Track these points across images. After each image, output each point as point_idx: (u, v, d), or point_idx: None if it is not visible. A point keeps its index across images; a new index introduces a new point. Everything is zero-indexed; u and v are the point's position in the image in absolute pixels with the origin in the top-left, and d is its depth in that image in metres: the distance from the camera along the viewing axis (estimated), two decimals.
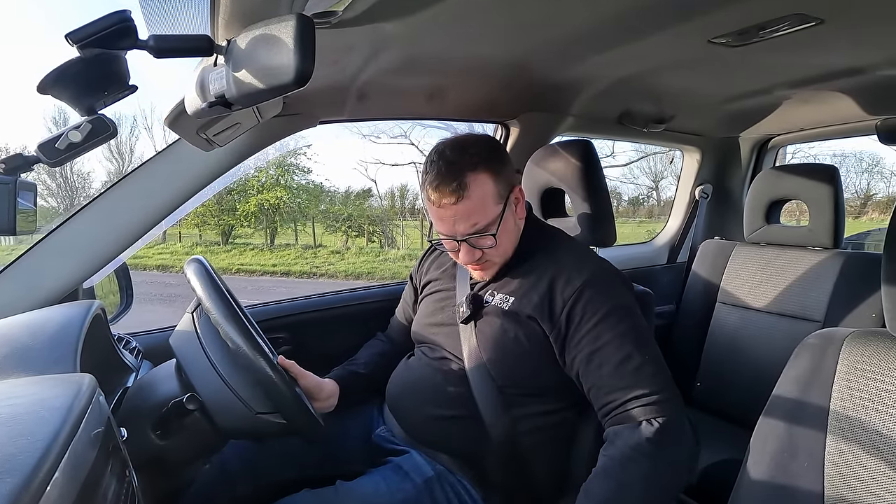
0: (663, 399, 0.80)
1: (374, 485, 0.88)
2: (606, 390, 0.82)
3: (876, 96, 1.32)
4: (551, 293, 0.89)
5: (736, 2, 0.75)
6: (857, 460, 0.58)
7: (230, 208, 12.73)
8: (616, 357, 0.82)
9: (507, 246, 0.94)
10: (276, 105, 0.96)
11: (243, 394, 0.79)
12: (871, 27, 0.86)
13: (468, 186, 0.87)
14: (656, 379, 0.81)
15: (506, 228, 0.92)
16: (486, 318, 0.94)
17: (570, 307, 0.86)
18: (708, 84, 1.25)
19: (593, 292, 0.86)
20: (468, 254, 0.91)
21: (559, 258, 0.93)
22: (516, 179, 0.98)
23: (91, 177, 15.42)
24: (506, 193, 0.92)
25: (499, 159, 0.92)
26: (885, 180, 14.46)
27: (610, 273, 0.92)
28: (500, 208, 0.90)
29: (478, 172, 0.87)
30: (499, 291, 0.95)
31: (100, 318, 0.85)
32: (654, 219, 14.71)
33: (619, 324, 0.84)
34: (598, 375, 0.83)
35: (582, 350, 0.85)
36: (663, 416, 0.78)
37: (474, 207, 0.87)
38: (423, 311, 1.07)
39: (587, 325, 0.85)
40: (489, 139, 0.96)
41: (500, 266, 0.96)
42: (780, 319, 1.40)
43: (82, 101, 0.55)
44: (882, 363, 0.59)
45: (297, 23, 0.47)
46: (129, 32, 0.48)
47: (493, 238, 0.90)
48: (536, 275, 0.92)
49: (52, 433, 0.41)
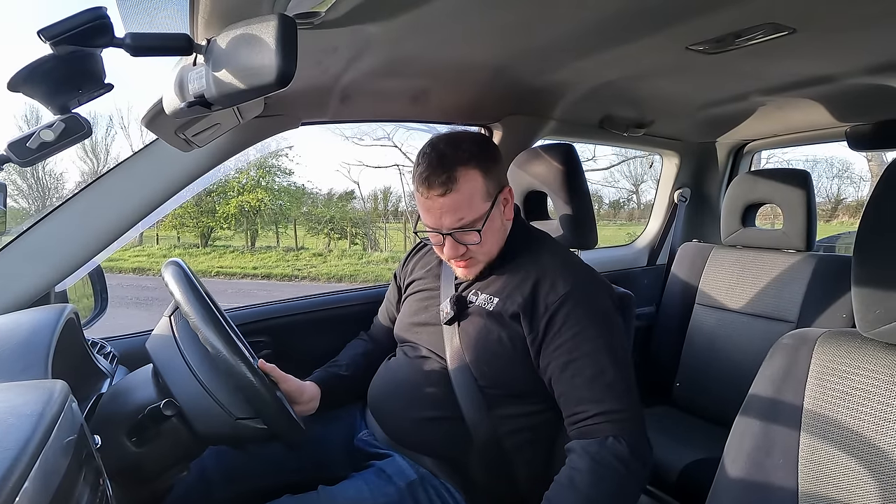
0: (630, 417, 0.81)
1: (357, 489, 0.88)
2: (577, 401, 0.83)
3: (845, 104, 1.36)
4: (535, 296, 0.89)
5: (713, 10, 0.77)
6: (830, 457, 0.59)
7: (210, 210, 12.51)
8: (591, 370, 0.83)
9: (491, 245, 0.94)
10: (258, 106, 0.95)
11: (223, 399, 0.77)
12: (841, 37, 0.89)
13: (457, 180, 0.87)
14: (626, 396, 0.82)
15: (492, 227, 0.92)
16: (469, 318, 0.94)
17: (552, 314, 0.86)
18: (686, 90, 1.28)
19: (576, 302, 0.86)
20: (452, 248, 0.91)
21: (545, 262, 0.93)
22: (507, 180, 0.98)
23: (64, 177, 15.05)
24: (495, 192, 0.92)
25: (491, 157, 0.92)
26: (854, 185, 14.94)
27: (594, 282, 0.92)
28: (488, 206, 0.91)
29: (468, 168, 0.88)
30: (483, 291, 0.95)
31: (73, 322, 0.83)
32: (635, 221, 14.94)
33: (597, 337, 0.84)
34: (571, 385, 0.84)
35: (558, 358, 0.85)
36: (630, 433, 0.79)
37: (462, 202, 0.88)
38: (407, 311, 1.07)
39: (566, 334, 0.85)
40: (483, 137, 0.97)
41: (485, 265, 0.96)
42: (755, 320, 1.44)
43: (55, 99, 0.54)
44: (852, 362, 0.61)
45: (279, 23, 0.46)
46: (105, 30, 0.47)
47: (478, 234, 0.90)
48: (521, 276, 0.92)
49: (23, 441, 0.40)
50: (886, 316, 0.56)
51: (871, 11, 0.77)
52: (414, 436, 0.94)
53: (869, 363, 0.60)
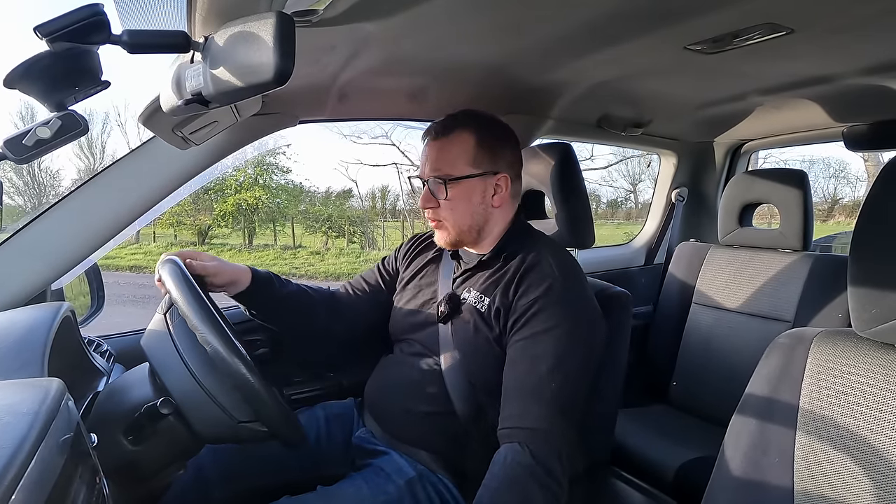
0: (544, 429, 0.78)
1: (356, 488, 0.88)
2: (507, 401, 0.83)
3: (843, 104, 1.37)
4: (515, 296, 0.90)
5: (711, 10, 0.77)
6: (826, 455, 0.60)
7: (207, 208, 12.48)
8: (524, 372, 0.83)
9: (460, 215, 0.95)
10: (255, 103, 0.95)
11: (219, 398, 0.77)
12: (838, 38, 0.89)
13: (451, 133, 0.95)
14: (547, 409, 0.79)
15: (466, 196, 0.94)
16: (462, 316, 0.95)
17: (519, 314, 0.87)
18: (684, 90, 1.28)
19: (545, 305, 0.86)
20: (424, 197, 0.96)
21: (536, 264, 0.92)
22: (511, 172, 0.98)
23: (60, 174, 14.93)
24: (485, 168, 0.94)
25: (495, 137, 0.96)
26: (850, 185, 14.97)
27: (577, 289, 0.91)
28: (471, 172, 0.94)
29: (466, 129, 0.95)
30: (475, 289, 0.96)
31: (69, 320, 0.83)
32: (633, 221, 14.97)
33: (557, 344, 0.83)
34: (507, 387, 0.84)
35: (510, 354, 0.86)
36: (539, 447, 0.77)
37: (446, 153, 0.94)
38: (403, 308, 1.07)
39: (525, 333, 0.85)
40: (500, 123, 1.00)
41: (455, 237, 0.97)
42: (752, 319, 1.44)
43: (52, 96, 0.54)
44: (848, 362, 0.61)
45: (277, 20, 0.46)
46: (102, 27, 0.47)
47: (445, 190, 0.93)
48: (510, 276, 0.93)
49: (18, 439, 0.40)
50: (882, 315, 0.56)
51: (870, 12, 0.77)
52: (410, 431, 0.95)
53: (865, 362, 0.60)
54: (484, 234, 0.99)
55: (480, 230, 0.98)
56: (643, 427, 1.44)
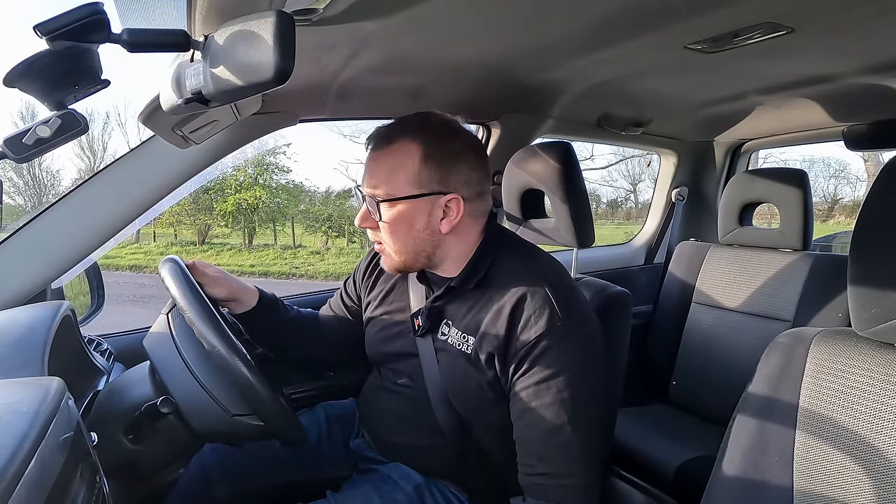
0: (578, 484, 0.75)
1: (366, 496, 0.87)
2: (527, 453, 0.78)
3: (843, 104, 1.37)
4: (510, 335, 0.78)
5: (711, 9, 0.77)
6: (825, 455, 0.60)
7: (207, 207, 12.47)
8: (547, 425, 0.75)
9: (400, 241, 0.82)
10: (255, 102, 0.95)
11: (219, 395, 0.77)
12: (838, 38, 0.89)
13: (393, 144, 0.80)
14: (579, 460, 0.75)
15: (404, 218, 0.80)
16: (446, 356, 0.85)
17: (522, 355, 0.77)
18: (684, 89, 1.28)
19: (551, 344, 0.76)
20: (361, 215, 0.84)
21: (526, 289, 0.79)
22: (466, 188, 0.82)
23: (60, 174, 14.91)
24: (431, 187, 0.79)
25: (448, 147, 0.80)
26: (850, 185, 14.97)
27: (577, 316, 0.79)
28: (412, 192, 0.79)
29: (413, 141, 0.79)
30: (454, 324, 0.85)
31: (69, 319, 0.83)
32: (633, 221, 14.96)
33: (564, 389, 0.75)
34: (524, 436, 0.78)
35: (517, 403, 0.78)
36: (573, 498, 0.75)
37: (384, 167, 0.80)
38: (376, 337, 0.97)
39: (532, 378, 0.76)
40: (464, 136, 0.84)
41: (398, 262, 0.85)
42: (752, 319, 1.44)
43: (52, 95, 0.54)
44: (848, 361, 0.61)
45: (277, 19, 0.46)
46: (102, 25, 0.47)
47: (379, 211, 0.80)
48: (497, 308, 0.80)
49: (19, 438, 0.40)
50: (882, 315, 0.56)
51: (870, 11, 0.77)
52: (406, 459, 0.92)
53: (864, 362, 0.60)
54: (437, 260, 0.86)
55: (430, 256, 0.85)
56: (643, 426, 1.44)
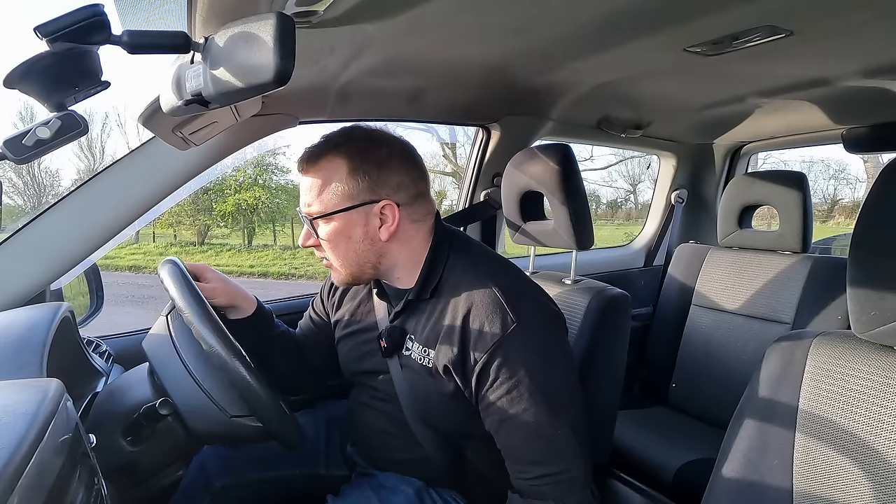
0: (574, 476, 0.76)
1: (367, 500, 0.87)
2: (515, 460, 0.78)
3: (841, 106, 1.37)
4: (464, 347, 0.78)
5: (710, 12, 0.77)
6: (825, 458, 0.60)
7: (206, 208, 12.48)
8: (527, 430, 0.75)
9: (342, 255, 0.83)
10: (255, 104, 0.95)
11: (217, 397, 0.77)
12: (837, 41, 0.89)
13: (319, 161, 0.81)
14: (567, 453, 0.76)
15: (340, 232, 0.81)
16: (412, 371, 0.85)
17: (481, 368, 0.76)
18: (683, 92, 1.28)
19: (507, 352, 0.75)
20: (303, 236, 0.86)
21: (476, 294, 0.79)
22: (399, 193, 0.83)
23: (60, 174, 14.92)
24: (362, 198, 0.80)
25: (373, 155, 0.81)
26: (850, 186, 14.99)
27: (530, 316, 0.78)
28: (342, 205, 0.80)
29: (336, 155, 0.81)
30: (417, 338, 0.85)
31: (68, 320, 0.83)
32: (632, 221, 14.97)
33: (534, 390, 0.74)
34: (508, 444, 0.77)
35: (492, 415, 0.77)
36: (571, 492, 0.76)
37: (314, 186, 0.81)
38: (347, 357, 0.98)
39: (499, 390, 0.75)
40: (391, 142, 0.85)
41: (346, 276, 0.85)
42: (751, 321, 1.44)
43: (51, 96, 0.53)
44: (847, 364, 0.61)
45: (278, 21, 0.46)
46: (102, 27, 0.47)
47: (315, 229, 0.82)
48: (450, 317, 0.80)
49: (17, 440, 0.40)
50: (881, 318, 0.56)
51: (869, 14, 0.78)
52: (395, 470, 0.92)
53: (864, 365, 0.60)
54: (385, 269, 0.86)
55: (376, 266, 0.85)
56: (642, 428, 1.44)
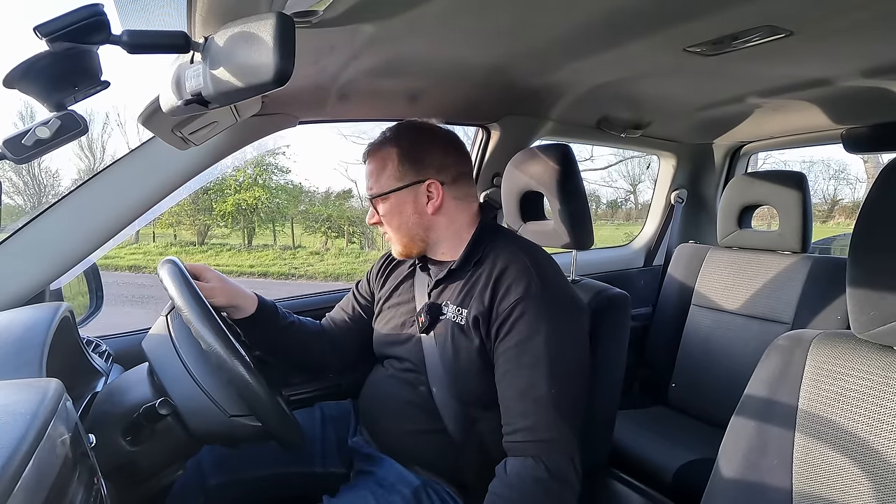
0: (556, 438, 0.79)
1: (363, 500, 0.88)
2: (506, 412, 0.83)
3: (841, 106, 1.37)
4: (492, 301, 0.87)
5: (710, 12, 0.77)
6: (824, 457, 0.60)
7: (206, 208, 12.46)
8: (524, 382, 0.81)
9: (398, 227, 0.97)
10: (255, 104, 0.95)
11: (217, 396, 0.77)
12: (837, 41, 0.89)
13: (378, 152, 0.98)
14: (556, 416, 0.80)
15: (395, 209, 0.96)
16: (443, 331, 0.92)
17: (503, 319, 0.85)
18: (683, 92, 1.28)
19: (528, 308, 0.83)
20: (369, 215, 1.00)
21: (508, 263, 0.89)
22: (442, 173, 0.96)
23: (60, 174, 14.89)
24: (411, 178, 0.95)
25: (418, 142, 0.97)
26: (850, 186, 14.96)
27: (554, 288, 0.88)
28: (395, 185, 0.95)
29: (389, 146, 0.97)
30: (452, 301, 0.93)
31: (68, 320, 0.83)
32: (632, 221, 14.97)
33: (547, 348, 0.81)
34: (505, 396, 0.83)
35: (500, 366, 0.84)
36: (551, 456, 0.78)
37: (373, 171, 0.98)
38: (385, 326, 1.04)
39: (511, 340, 0.83)
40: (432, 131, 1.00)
41: (402, 248, 0.99)
42: (751, 321, 1.44)
43: (51, 96, 0.54)
44: (847, 364, 0.61)
45: (277, 21, 0.46)
46: (102, 27, 0.47)
47: (377, 208, 0.98)
48: (483, 282, 0.90)
49: (16, 440, 0.40)
50: (881, 318, 0.57)
51: (868, 14, 0.78)
52: (404, 448, 0.94)
53: (863, 365, 0.60)
54: (434, 241, 0.98)
55: (425, 238, 0.98)
56: (642, 428, 1.44)
